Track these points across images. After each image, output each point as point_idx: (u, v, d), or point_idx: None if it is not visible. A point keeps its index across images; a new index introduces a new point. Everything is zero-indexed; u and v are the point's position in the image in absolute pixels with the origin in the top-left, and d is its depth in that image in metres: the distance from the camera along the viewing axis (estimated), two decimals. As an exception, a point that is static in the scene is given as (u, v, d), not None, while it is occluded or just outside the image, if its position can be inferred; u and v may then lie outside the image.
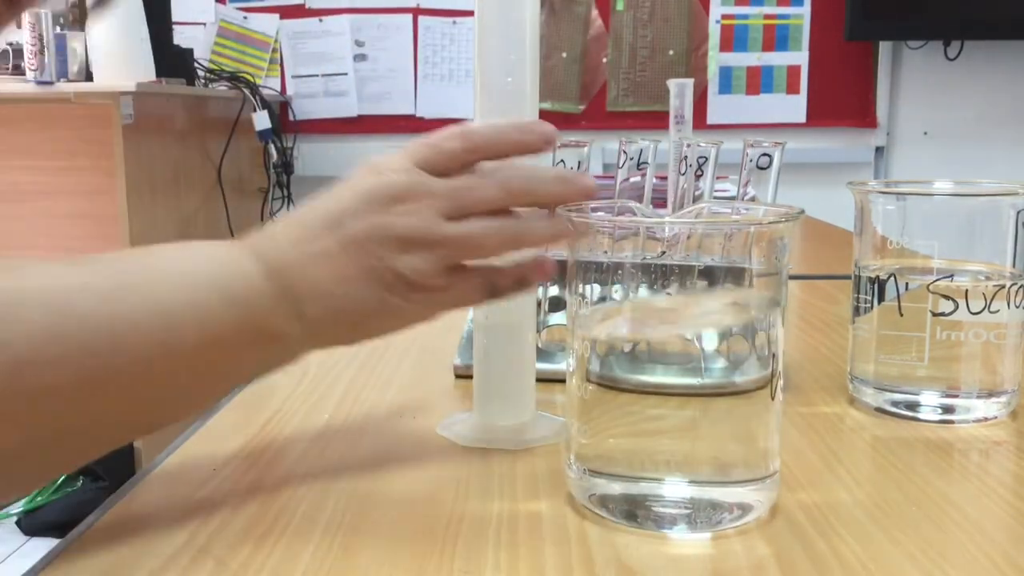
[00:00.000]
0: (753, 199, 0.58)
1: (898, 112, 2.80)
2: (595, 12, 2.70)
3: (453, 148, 0.47)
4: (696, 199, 0.58)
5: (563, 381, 0.46)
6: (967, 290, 0.52)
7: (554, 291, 0.65)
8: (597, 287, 0.42)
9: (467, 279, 0.47)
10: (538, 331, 0.64)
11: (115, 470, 2.11)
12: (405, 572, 0.37)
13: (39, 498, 2.17)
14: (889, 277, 0.54)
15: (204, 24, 2.83)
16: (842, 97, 2.76)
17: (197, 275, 0.43)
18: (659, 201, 0.57)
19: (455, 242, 0.45)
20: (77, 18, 2.24)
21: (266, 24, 2.85)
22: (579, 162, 0.61)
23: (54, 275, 0.40)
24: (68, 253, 0.81)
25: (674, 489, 0.40)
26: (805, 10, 2.73)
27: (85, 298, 0.39)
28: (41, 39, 2.03)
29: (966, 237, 0.53)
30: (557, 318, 0.64)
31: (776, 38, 2.75)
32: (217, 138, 2.43)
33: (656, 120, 2.71)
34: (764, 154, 0.58)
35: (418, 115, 2.76)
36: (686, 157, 0.58)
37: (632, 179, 0.58)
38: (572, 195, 0.46)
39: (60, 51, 2.08)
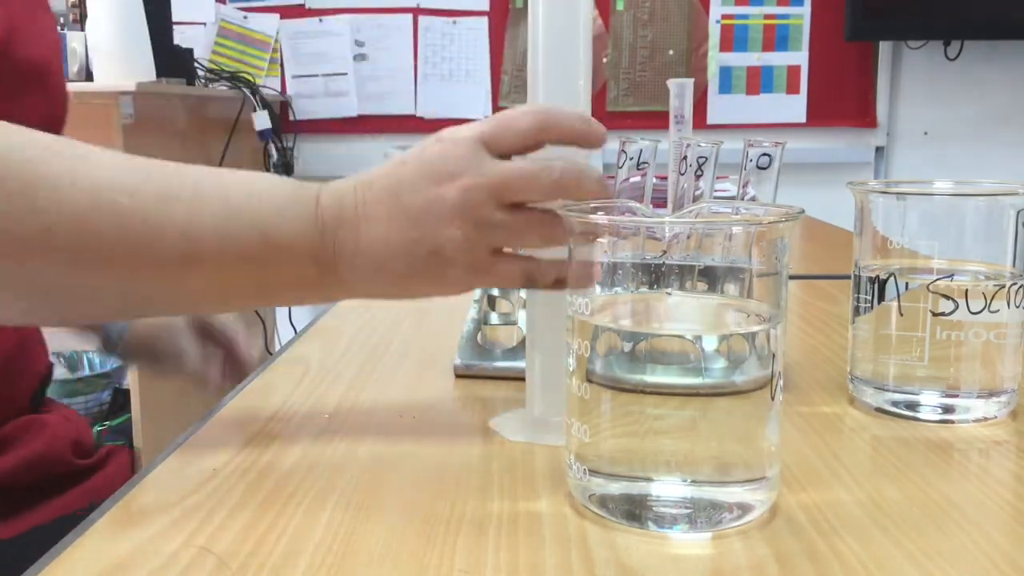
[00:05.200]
0: (753, 199, 0.58)
1: (898, 112, 2.80)
2: (595, 12, 2.70)
3: (525, 127, 0.49)
4: (696, 199, 0.58)
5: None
6: (967, 290, 0.52)
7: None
8: (597, 287, 0.42)
9: (508, 263, 0.50)
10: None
11: (115, 470, 2.10)
12: (405, 571, 0.37)
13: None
14: (889, 277, 0.54)
15: (204, 24, 2.83)
16: (842, 97, 2.76)
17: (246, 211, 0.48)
18: (659, 201, 0.57)
19: (501, 227, 0.48)
20: (77, 18, 2.24)
21: (266, 24, 2.85)
22: (579, 162, 0.61)
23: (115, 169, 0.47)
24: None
25: (674, 489, 0.40)
26: (805, 10, 2.73)
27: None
28: (41, 39, 2.02)
29: (966, 237, 0.53)
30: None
31: (776, 38, 2.75)
32: (217, 138, 2.43)
33: (656, 120, 2.71)
34: (764, 154, 0.58)
35: (418, 115, 2.76)
36: (686, 157, 0.58)
37: (632, 179, 0.58)
38: (604, 194, 0.49)
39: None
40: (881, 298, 0.54)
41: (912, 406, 0.54)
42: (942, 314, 0.52)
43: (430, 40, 2.79)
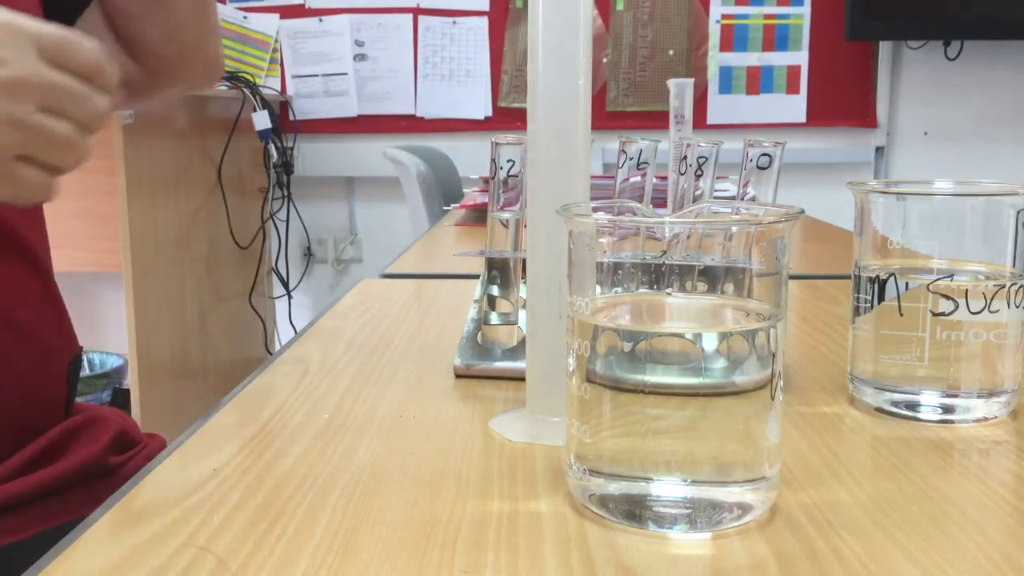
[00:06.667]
0: (753, 199, 0.58)
1: (898, 112, 2.80)
2: (595, 12, 2.70)
3: (88, 60, 0.47)
4: (696, 199, 0.58)
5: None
6: (967, 290, 0.52)
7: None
8: (598, 287, 0.42)
9: (36, 172, 0.46)
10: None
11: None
12: (405, 572, 0.37)
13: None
14: (889, 277, 0.54)
15: (204, 24, 2.82)
16: (842, 97, 2.76)
17: None
18: (659, 201, 0.57)
19: (37, 133, 0.45)
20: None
21: (266, 24, 2.85)
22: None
23: None
24: (68, 253, 0.82)
25: (674, 489, 0.40)
26: (805, 10, 2.74)
27: None
28: (41, 39, 2.02)
29: (966, 237, 0.53)
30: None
31: (776, 38, 2.75)
32: (217, 138, 2.43)
33: (656, 120, 2.71)
34: (764, 154, 0.58)
35: (418, 115, 2.76)
36: (686, 157, 0.58)
37: (632, 179, 0.58)
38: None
39: None
40: (881, 298, 0.54)
41: (912, 406, 0.54)
42: (942, 314, 0.52)
43: (430, 40, 2.80)
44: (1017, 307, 0.53)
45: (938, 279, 0.52)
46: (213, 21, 0.81)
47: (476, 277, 0.66)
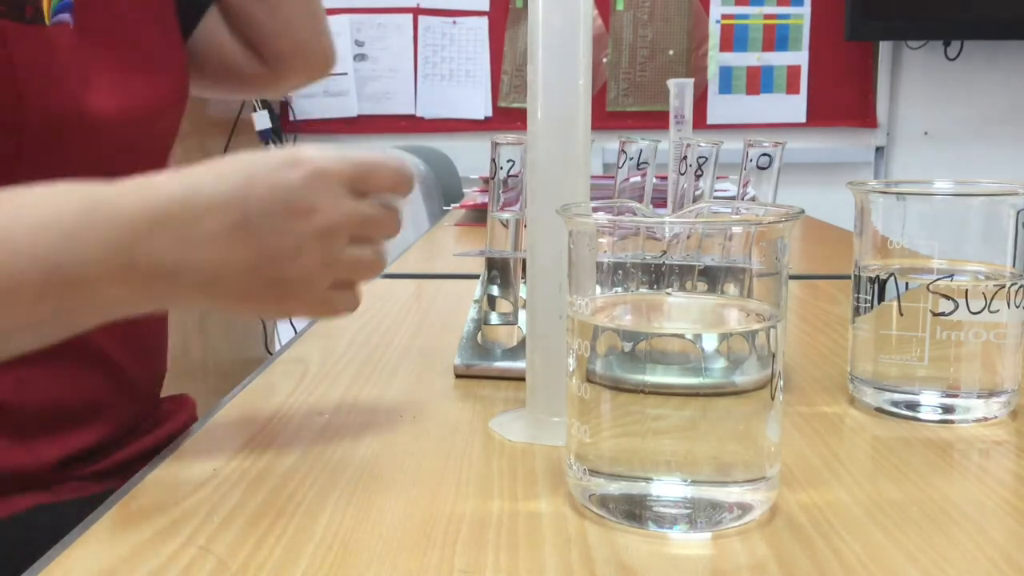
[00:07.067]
0: (753, 199, 0.58)
1: (898, 112, 2.80)
2: (595, 12, 2.70)
3: (389, 182, 0.50)
4: (696, 199, 0.58)
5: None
6: (967, 290, 0.52)
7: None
8: (598, 287, 0.42)
9: (347, 297, 0.51)
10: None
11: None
12: (405, 572, 0.37)
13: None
14: (889, 277, 0.54)
15: (204, 24, 2.82)
16: (842, 97, 2.76)
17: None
18: (659, 201, 0.57)
19: (347, 264, 0.49)
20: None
21: (266, 24, 2.84)
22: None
23: None
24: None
25: (674, 489, 0.40)
26: (805, 10, 2.73)
27: None
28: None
29: (966, 237, 0.53)
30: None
31: (776, 38, 2.75)
32: (217, 138, 2.43)
33: (656, 120, 2.71)
34: (764, 154, 0.58)
35: (418, 115, 2.76)
36: (686, 157, 0.58)
37: (632, 179, 0.58)
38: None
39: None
40: (881, 298, 0.54)
41: (912, 406, 0.54)
42: (942, 314, 0.52)
43: (430, 40, 2.79)
44: (1017, 307, 0.53)
45: (938, 279, 0.52)
46: (321, 16, 0.88)
47: (476, 277, 0.66)
